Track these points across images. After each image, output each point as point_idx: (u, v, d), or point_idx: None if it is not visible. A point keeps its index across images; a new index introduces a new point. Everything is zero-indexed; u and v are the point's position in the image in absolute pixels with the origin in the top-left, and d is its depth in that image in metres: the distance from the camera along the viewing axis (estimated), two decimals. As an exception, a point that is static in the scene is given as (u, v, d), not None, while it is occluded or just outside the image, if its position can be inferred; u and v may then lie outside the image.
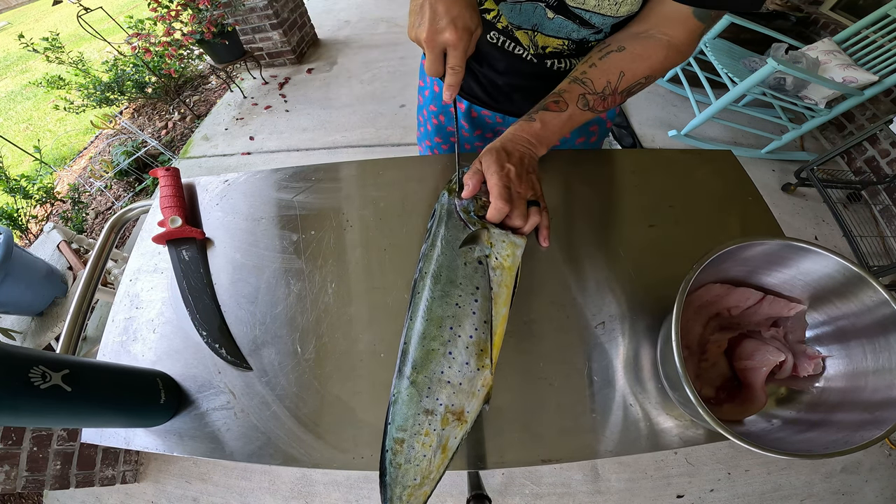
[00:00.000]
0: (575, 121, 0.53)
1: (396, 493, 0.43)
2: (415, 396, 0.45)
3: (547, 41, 0.58)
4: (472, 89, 0.72)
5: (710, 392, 0.48)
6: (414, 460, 0.44)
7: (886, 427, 0.34)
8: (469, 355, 0.45)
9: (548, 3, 0.54)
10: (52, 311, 1.37)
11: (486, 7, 0.58)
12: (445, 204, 0.53)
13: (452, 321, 0.46)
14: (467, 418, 0.45)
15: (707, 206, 0.63)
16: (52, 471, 1.15)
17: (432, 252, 0.50)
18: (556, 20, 0.55)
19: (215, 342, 0.54)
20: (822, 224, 1.89)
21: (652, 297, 0.55)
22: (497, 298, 0.47)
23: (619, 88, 0.52)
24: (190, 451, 0.49)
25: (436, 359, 0.45)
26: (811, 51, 1.94)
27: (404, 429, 0.44)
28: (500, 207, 0.46)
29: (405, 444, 0.44)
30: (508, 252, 0.49)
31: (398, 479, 0.43)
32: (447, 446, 0.44)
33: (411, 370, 0.46)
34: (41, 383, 0.36)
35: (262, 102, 2.85)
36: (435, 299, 0.47)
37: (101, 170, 2.50)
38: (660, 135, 2.28)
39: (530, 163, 0.51)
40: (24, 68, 5.34)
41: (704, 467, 1.27)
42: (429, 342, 0.46)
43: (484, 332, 0.46)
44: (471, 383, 0.45)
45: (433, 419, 0.44)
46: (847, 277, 0.41)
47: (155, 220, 0.67)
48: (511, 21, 0.58)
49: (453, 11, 0.43)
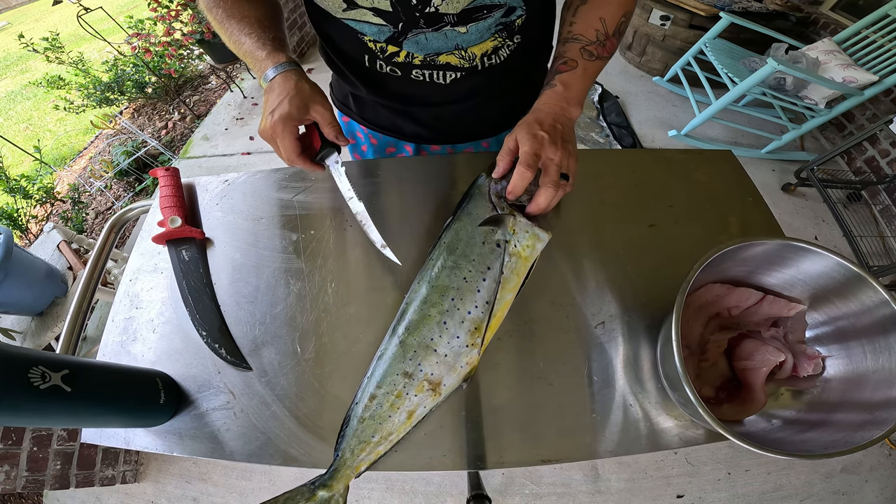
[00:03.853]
0: (589, 72, 0.53)
1: (351, 444, 0.44)
2: (399, 356, 0.46)
3: (482, 47, 0.56)
4: (416, 132, 0.70)
5: (710, 392, 0.48)
6: (378, 418, 0.44)
7: (886, 427, 0.34)
8: (462, 330, 0.46)
9: (449, 22, 0.51)
10: (52, 311, 1.37)
11: (391, 51, 0.56)
12: (481, 185, 0.54)
13: (455, 293, 0.47)
14: (442, 391, 0.45)
15: (707, 206, 0.63)
16: (52, 471, 1.15)
17: (454, 224, 0.51)
18: (472, 28, 0.53)
19: (215, 342, 0.54)
20: (822, 224, 1.89)
21: (652, 297, 0.55)
22: (506, 283, 0.47)
23: (609, 31, 0.52)
24: (190, 451, 0.49)
25: (429, 325, 0.46)
26: (811, 51, 1.94)
27: (380, 386, 0.45)
28: (522, 172, 0.46)
29: (375, 401, 0.45)
30: (529, 243, 0.49)
31: (356, 433, 0.44)
32: (415, 413, 0.45)
33: (404, 330, 0.47)
34: (40, 383, 0.36)
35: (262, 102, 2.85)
36: (445, 268, 0.48)
37: (101, 170, 2.50)
38: (660, 135, 2.28)
39: (565, 126, 0.50)
40: (24, 68, 5.34)
41: (704, 467, 1.27)
42: (428, 308, 0.47)
43: (483, 312, 0.46)
44: (456, 357, 0.46)
45: (410, 383, 0.45)
46: (847, 277, 0.41)
47: (155, 220, 0.67)
48: (427, 53, 0.55)
49: (271, 106, 0.49)
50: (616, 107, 2.44)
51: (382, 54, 0.56)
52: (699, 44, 2.15)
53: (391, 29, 0.52)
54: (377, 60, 0.57)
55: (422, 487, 1.26)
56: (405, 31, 0.52)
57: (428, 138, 0.71)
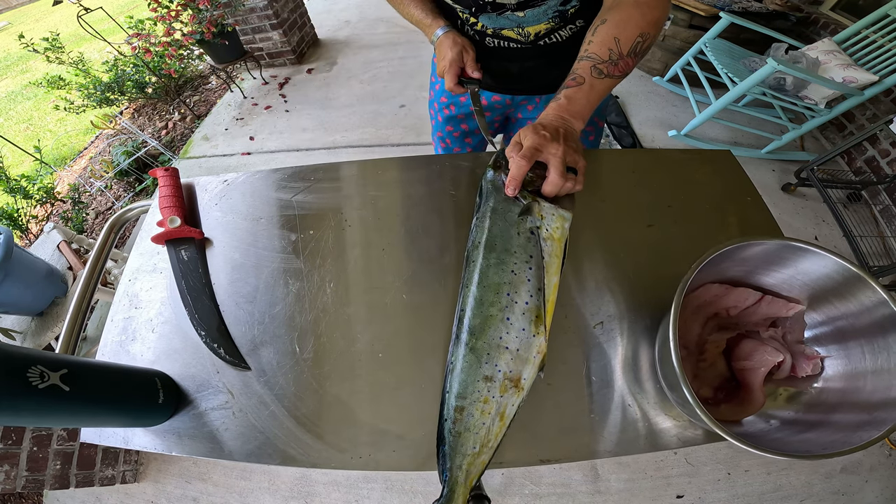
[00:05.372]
0: (596, 89, 0.56)
1: (457, 462, 0.43)
2: (474, 363, 0.46)
3: (536, 28, 0.70)
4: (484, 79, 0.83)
5: (709, 392, 0.48)
6: (473, 428, 0.44)
7: (885, 427, 0.34)
8: (526, 321, 0.46)
9: (511, 8, 0.65)
10: (51, 310, 1.37)
11: (472, 21, 0.73)
12: (492, 179, 0.55)
13: (509, 287, 0.47)
14: (524, 385, 0.46)
15: (706, 206, 0.63)
16: (52, 470, 1.15)
17: (483, 223, 0.52)
18: (528, 13, 0.66)
19: (214, 342, 0.54)
20: (822, 224, 1.89)
21: (651, 297, 0.55)
22: (549, 267, 0.49)
23: (623, 52, 0.56)
24: (189, 450, 0.49)
25: (494, 325, 0.46)
26: (811, 51, 1.94)
27: (463, 396, 0.45)
28: (517, 161, 0.49)
29: (465, 412, 0.44)
30: (557, 225, 0.51)
31: (458, 448, 0.43)
32: (505, 414, 0.45)
33: (469, 336, 0.47)
34: (39, 383, 0.36)
35: (262, 103, 2.85)
36: (490, 266, 0.49)
37: (101, 170, 2.50)
38: (660, 135, 2.28)
39: (567, 132, 0.53)
40: (25, 68, 5.34)
41: (704, 467, 1.26)
42: (487, 308, 0.47)
43: (538, 299, 0.47)
44: (527, 349, 0.46)
45: (492, 386, 0.45)
46: (846, 278, 0.41)
47: (154, 220, 0.67)
48: (495, 27, 0.72)
49: (443, 54, 0.74)
50: (616, 107, 2.44)
51: (467, 23, 0.75)
52: (699, 44, 2.15)
53: (469, 9, 0.70)
54: (465, 26, 0.77)
55: (422, 487, 1.26)
56: (477, 14, 0.70)
57: (493, 87, 0.88)
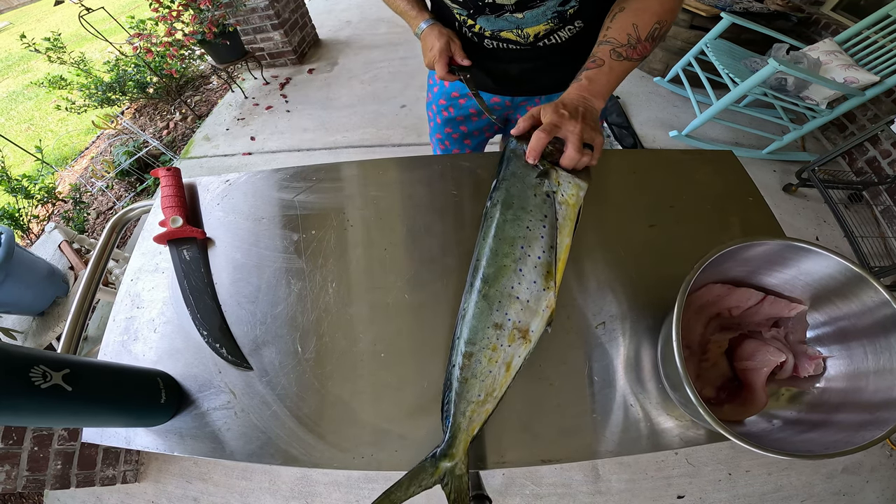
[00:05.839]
0: (616, 71, 0.59)
1: (461, 408, 0.44)
2: (486, 310, 0.47)
3: (535, 29, 0.69)
4: (484, 81, 0.86)
5: (711, 392, 0.48)
6: (479, 375, 0.45)
7: (887, 427, 0.34)
8: (537, 275, 0.48)
9: (509, 10, 0.64)
10: (53, 310, 1.37)
11: (470, 23, 0.72)
12: (514, 148, 0.57)
13: (523, 241, 0.50)
14: (531, 337, 0.47)
15: (708, 207, 0.63)
16: (53, 470, 1.15)
17: (502, 185, 0.55)
18: (527, 14, 0.65)
19: (216, 342, 0.54)
20: (823, 225, 1.89)
21: (652, 297, 0.55)
22: (562, 229, 0.51)
23: (641, 37, 0.58)
24: (190, 450, 0.49)
25: (507, 274, 0.48)
26: (812, 51, 1.93)
27: (473, 342, 0.46)
28: (538, 135, 0.51)
29: (473, 358, 0.46)
30: (573, 192, 0.53)
31: (463, 395, 0.45)
32: (511, 364, 0.46)
33: (482, 284, 0.49)
34: (41, 383, 0.36)
35: (263, 103, 2.86)
36: (507, 221, 0.51)
37: (102, 170, 2.50)
38: (661, 135, 2.28)
39: (586, 110, 0.55)
40: (26, 68, 5.35)
41: (705, 468, 1.26)
42: (501, 258, 0.49)
43: (550, 256, 0.49)
44: (537, 302, 0.47)
45: (501, 334, 0.46)
46: (848, 278, 0.41)
47: (156, 219, 0.67)
48: (494, 29, 0.71)
49: (430, 45, 0.75)
50: (617, 107, 2.44)
51: (465, 25, 0.74)
52: (700, 44, 2.15)
53: (466, 11, 0.69)
54: (462, 28, 0.76)
55: (422, 487, 1.26)
56: (475, 16, 0.69)
57: (493, 88, 0.87)
